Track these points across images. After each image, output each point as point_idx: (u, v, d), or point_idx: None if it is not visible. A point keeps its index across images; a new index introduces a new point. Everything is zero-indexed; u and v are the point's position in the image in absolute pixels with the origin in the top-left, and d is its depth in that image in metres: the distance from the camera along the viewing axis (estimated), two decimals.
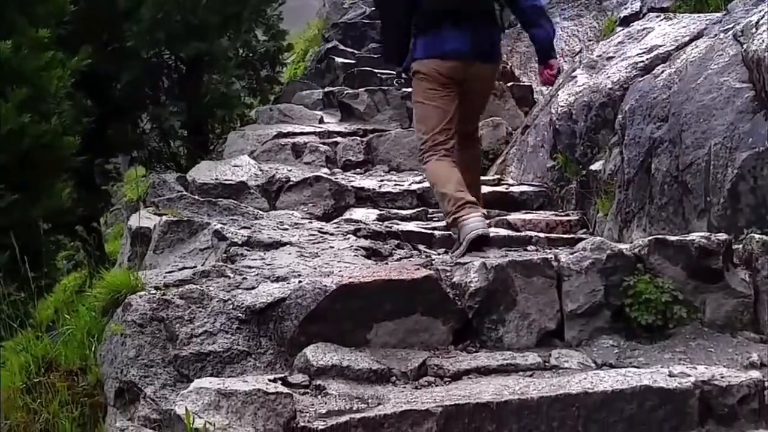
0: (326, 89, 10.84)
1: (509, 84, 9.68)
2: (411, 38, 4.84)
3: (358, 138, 8.24)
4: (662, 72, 5.46)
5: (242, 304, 3.69)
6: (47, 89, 7.01)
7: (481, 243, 4.42)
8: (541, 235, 5.50)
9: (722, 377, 3.14)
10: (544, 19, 4.92)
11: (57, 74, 7.04)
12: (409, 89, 8.76)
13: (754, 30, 4.74)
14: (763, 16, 4.77)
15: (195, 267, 4.27)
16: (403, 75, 5.15)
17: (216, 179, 6.59)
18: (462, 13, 4.68)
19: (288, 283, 3.82)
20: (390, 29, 5.03)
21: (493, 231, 5.60)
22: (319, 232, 5.27)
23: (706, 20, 5.73)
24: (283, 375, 3.37)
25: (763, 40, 4.54)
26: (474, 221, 4.43)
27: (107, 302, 3.85)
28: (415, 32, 4.83)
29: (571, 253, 3.95)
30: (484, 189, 6.28)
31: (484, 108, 5.38)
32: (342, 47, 12.97)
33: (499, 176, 7.47)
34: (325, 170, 7.34)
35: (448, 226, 4.85)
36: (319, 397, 3.21)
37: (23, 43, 6.90)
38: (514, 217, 6.06)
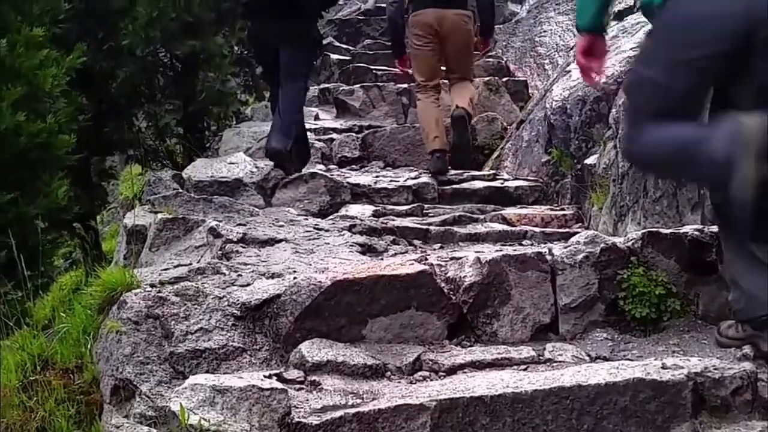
0: (321, 86, 10.87)
1: (504, 79, 9.71)
2: None
3: (354, 134, 8.27)
4: None
5: (237, 300, 3.69)
6: (42, 88, 7.00)
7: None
8: (537, 229, 5.52)
9: (715, 369, 3.15)
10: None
11: (52, 73, 7.04)
12: (404, 85, 8.81)
13: None
14: None
15: (190, 264, 4.28)
16: None
17: (212, 176, 6.60)
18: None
19: (283, 280, 3.83)
20: None
21: (488, 226, 5.64)
22: (314, 228, 5.28)
23: None
24: (278, 371, 3.37)
25: None
26: None
27: (103, 300, 3.84)
28: None
29: (565, 247, 3.96)
30: (480, 184, 6.56)
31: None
32: (337, 44, 12.99)
33: (494, 171, 7.50)
34: (321, 167, 7.37)
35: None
36: (314, 392, 3.21)
37: (18, 42, 6.89)
38: (509, 211, 6.08)
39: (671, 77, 3.12)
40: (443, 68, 7.56)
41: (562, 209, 6.18)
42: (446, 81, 7.67)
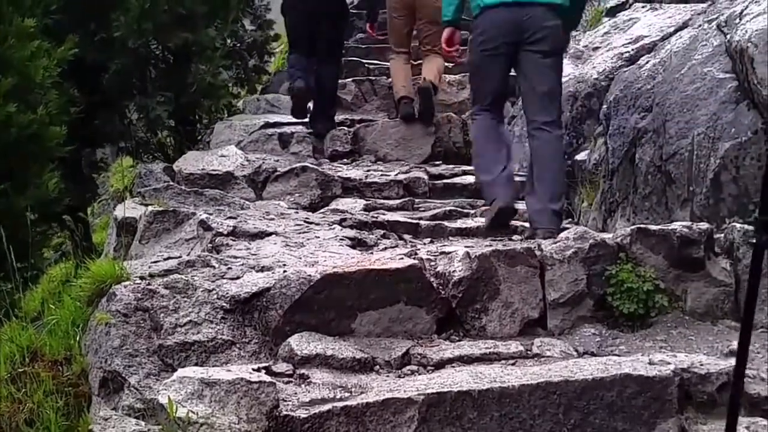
0: None
1: None
2: None
3: (345, 128, 8.23)
4: (647, 62, 5.48)
5: (227, 293, 3.69)
6: (33, 79, 6.97)
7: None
8: (526, 224, 5.51)
9: (702, 365, 3.18)
10: None
11: (43, 64, 7.01)
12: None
13: (737, 20, 4.77)
14: (746, 7, 4.80)
15: (180, 257, 4.28)
16: None
17: (203, 169, 6.59)
18: None
19: (273, 273, 3.83)
20: None
21: (479, 221, 5.65)
22: (304, 222, 5.28)
23: (691, 10, 5.76)
24: (267, 364, 3.38)
25: (746, 31, 4.57)
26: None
27: (92, 292, 3.84)
28: None
29: (554, 243, 3.98)
30: (470, 179, 6.59)
31: None
32: None
33: None
34: (312, 160, 7.35)
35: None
36: (303, 386, 3.22)
37: (9, 33, 6.87)
38: None
39: None
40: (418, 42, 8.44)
41: None
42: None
